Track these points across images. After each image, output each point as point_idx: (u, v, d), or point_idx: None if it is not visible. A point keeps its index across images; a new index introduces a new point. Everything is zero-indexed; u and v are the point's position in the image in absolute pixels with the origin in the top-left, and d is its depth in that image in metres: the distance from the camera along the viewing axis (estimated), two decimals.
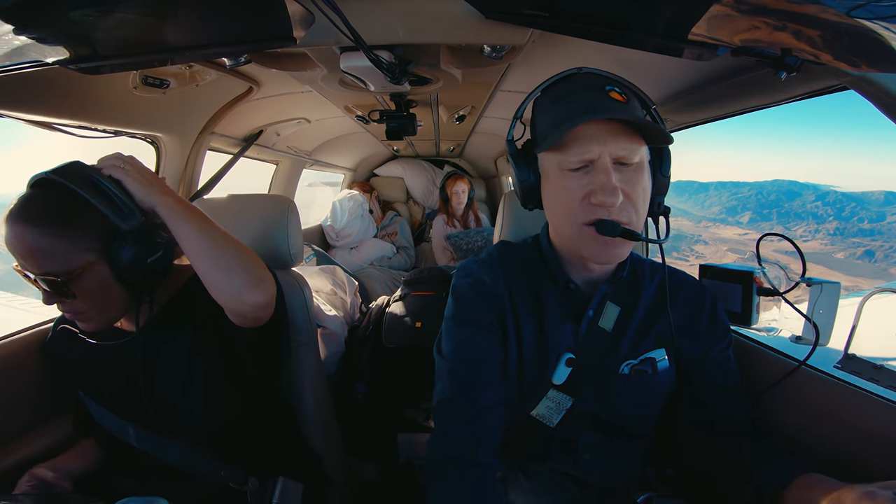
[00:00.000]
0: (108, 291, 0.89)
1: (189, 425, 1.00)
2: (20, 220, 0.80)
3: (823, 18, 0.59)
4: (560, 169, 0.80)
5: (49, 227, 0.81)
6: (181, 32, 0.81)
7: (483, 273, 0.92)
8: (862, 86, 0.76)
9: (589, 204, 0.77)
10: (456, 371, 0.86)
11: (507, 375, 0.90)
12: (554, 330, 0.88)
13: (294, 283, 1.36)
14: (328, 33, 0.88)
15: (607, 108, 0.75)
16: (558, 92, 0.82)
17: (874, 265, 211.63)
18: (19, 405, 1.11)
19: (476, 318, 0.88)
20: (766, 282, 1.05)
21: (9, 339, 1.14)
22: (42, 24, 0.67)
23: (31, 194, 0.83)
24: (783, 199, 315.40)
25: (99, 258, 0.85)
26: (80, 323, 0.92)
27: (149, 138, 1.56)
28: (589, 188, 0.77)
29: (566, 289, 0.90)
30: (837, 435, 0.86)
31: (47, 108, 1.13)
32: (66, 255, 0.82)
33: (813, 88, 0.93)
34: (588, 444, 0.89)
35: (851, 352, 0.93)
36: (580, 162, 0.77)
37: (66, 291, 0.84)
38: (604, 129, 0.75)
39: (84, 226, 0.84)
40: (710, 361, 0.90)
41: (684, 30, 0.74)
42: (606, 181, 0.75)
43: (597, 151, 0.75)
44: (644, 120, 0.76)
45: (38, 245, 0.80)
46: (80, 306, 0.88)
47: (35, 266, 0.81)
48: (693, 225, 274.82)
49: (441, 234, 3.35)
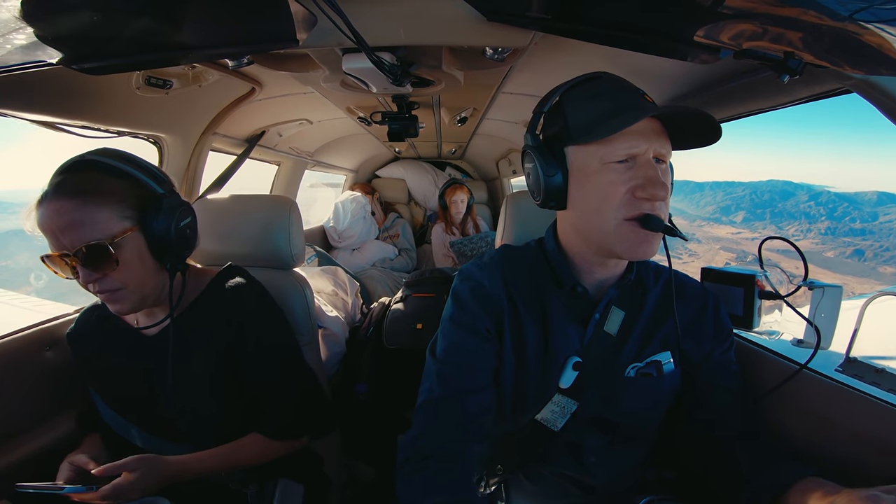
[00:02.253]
0: (146, 264, 0.91)
1: (197, 427, 1.00)
2: (57, 197, 0.82)
3: (826, 22, 0.59)
4: (602, 163, 0.78)
5: (87, 196, 0.83)
6: (184, 33, 0.82)
7: (483, 277, 0.91)
8: (864, 89, 0.76)
9: (633, 198, 0.77)
10: (445, 373, 0.86)
11: (507, 382, 0.89)
12: (559, 334, 0.88)
13: (295, 284, 1.37)
14: (330, 35, 0.88)
15: (651, 108, 0.76)
16: (593, 90, 0.82)
17: (863, 264, 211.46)
18: (25, 401, 1.12)
19: (472, 324, 0.88)
20: (767, 285, 1.05)
21: (14, 335, 1.14)
22: (46, 24, 0.67)
23: (62, 177, 0.85)
24: (777, 198, 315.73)
25: (135, 226, 0.88)
26: (113, 305, 0.92)
27: (151, 138, 1.57)
28: (633, 182, 0.77)
29: (573, 292, 0.89)
30: (838, 438, 0.86)
31: (51, 108, 1.13)
32: (106, 222, 0.85)
33: (815, 91, 0.93)
34: (593, 447, 0.89)
35: (853, 355, 0.92)
36: (626, 156, 0.77)
37: (110, 258, 0.85)
38: (650, 127, 0.77)
39: (119, 194, 0.87)
40: (713, 363, 0.90)
41: (687, 33, 0.74)
42: (655, 175, 0.76)
43: (644, 147, 0.76)
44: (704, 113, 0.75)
45: (77, 215, 0.82)
46: (118, 281, 0.88)
47: (75, 238, 0.83)
48: (688, 224, 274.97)
49: (442, 242, 3.37)
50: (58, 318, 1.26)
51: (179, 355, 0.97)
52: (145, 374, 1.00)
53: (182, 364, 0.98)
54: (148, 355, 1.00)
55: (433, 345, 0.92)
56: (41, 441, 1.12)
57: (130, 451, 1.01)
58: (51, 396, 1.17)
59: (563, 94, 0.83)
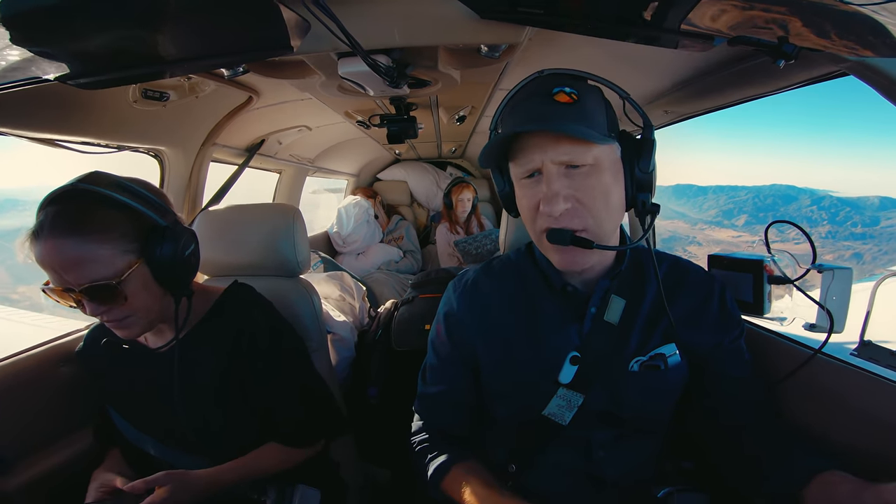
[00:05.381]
0: (152, 292, 0.90)
1: (209, 443, 1.01)
2: (56, 233, 0.79)
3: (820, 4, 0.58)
4: (517, 179, 0.81)
5: (89, 233, 0.80)
6: (178, 44, 0.81)
7: (455, 301, 0.98)
8: (861, 71, 0.75)
9: (540, 212, 0.77)
10: (426, 408, 1.02)
11: (494, 388, 0.94)
12: (555, 335, 0.88)
13: (303, 291, 1.37)
14: (325, 40, 0.88)
15: (544, 116, 0.75)
16: (514, 100, 0.82)
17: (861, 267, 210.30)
18: (42, 418, 1.13)
19: (447, 352, 0.98)
20: (776, 270, 1.04)
21: (30, 352, 1.16)
22: (39, 40, 0.68)
23: (59, 208, 0.81)
24: (779, 203, 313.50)
25: (139, 258, 0.86)
26: (120, 331, 0.91)
27: (152, 152, 1.58)
28: (538, 197, 0.77)
29: (564, 292, 0.90)
30: (856, 424, 0.84)
31: (48, 125, 1.14)
32: (110, 259, 0.82)
33: (812, 75, 0.93)
34: (602, 441, 0.89)
35: (867, 338, 0.91)
36: (527, 171, 0.78)
37: (118, 295, 0.84)
38: (545, 136, 0.75)
39: (120, 228, 0.84)
40: (723, 352, 0.88)
41: (679, 21, 0.73)
42: (547, 189, 0.75)
43: (539, 160, 0.75)
44: (560, 127, 0.73)
45: (81, 254, 0.79)
46: (125, 311, 0.87)
47: (80, 277, 0.80)
48: (689, 227, 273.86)
49: (446, 241, 3.36)
50: (69, 334, 1.27)
51: (187, 372, 0.97)
52: (155, 389, 1.00)
53: (190, 380, 0.98)
54: (157, 370, 1.00)
55: (424, 370, 1.04)
56: (60, 457, 1.13)
57: (148, 464, 1.03)
58: (67, 412, 1.18)
59: (503, 107, 0.84)
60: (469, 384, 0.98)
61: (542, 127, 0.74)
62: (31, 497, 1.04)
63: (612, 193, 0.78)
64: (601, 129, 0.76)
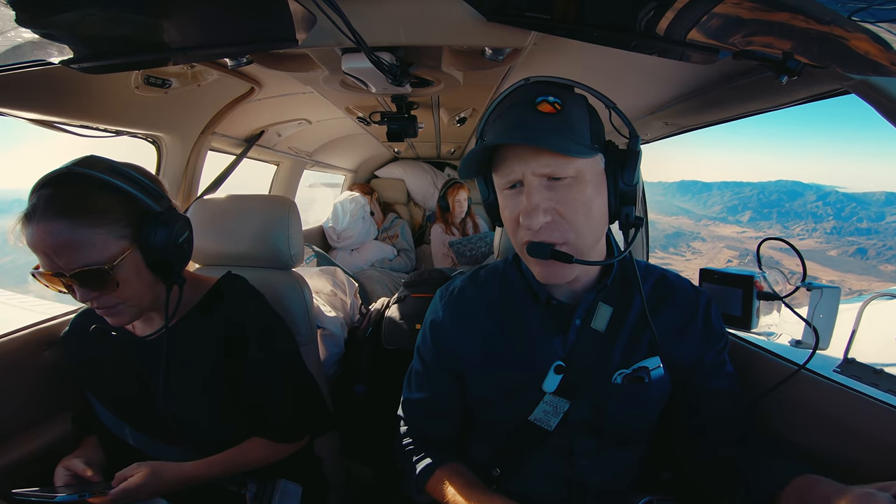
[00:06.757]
0: (143, 279, 0.89)
1: (191, 434, 1.00)
2: (49, 216, 0.77)
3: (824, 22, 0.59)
4: (500, 189, 0.80)
5: (83, 217, 0.79)
6: (184, 32, 0.81)
7: (441, 309, 0.97)
8: (863, 90, 0.76)
9: (521, 225, 0.76)
10: (410, 414, 1.02)
11: (478, 393, 0.94)
12: (540, 345, 0.89)
13: (294, 284, 1.37)
14: (330, 34, 0.88)
15: (524, 127, 0.74)
16: (500, 107, 0.80)
17: (865, 262, 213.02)
18: (23, 401, 1.12)
19: (432, 360, 0.97)
20: (766, 286, 1.05)
21: (12, 335, 1.14)
22: (45, 24, 0.67)
23: (52, 191, 0.80)
24: (784, 198, 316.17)
25: (133, 244, 0.85)
26: (110, 318, 0.90)
27: (150, 138, 1.57)
28: (520, 208, 0.76)
29: (548, 305, 0.89)
30: (837, 438, 0.86)
31: (49, 108, 1.13)
32: (103, 243, 0.81)
33: (814, 92, 0.93)
34: (585, 449, 0.89)
35: (851, 356, 0.92)
36: (509, 182, 0.77)
37: (110, 281, 0.82)
38: (526, 147, 0.73)
39: (114, 212, 0.83)
40: (706, 367, 0.88)
41: (685, 33, 0.74)
42: (526, 202, 0.74)
43: (519, 171, 0.74)
44: (538, 141, 0.72)
45: (73, 237, 0.78)
46: (117, 298, 0.86)
47: (71, 261, 0.79)
48: (693, 223, 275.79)
49: (441, 242, 3.35)
50: (56, 317, 1.26)
51: (175, 361, 0.97)
52: (140, 377, 0.99)
53: (177, 369, 0.98)
54: (144, 359, 0.99)
55: (409, 376, 1.04)
56: (39, 441, 1.12)
57: (126, 453, 1.02)
58: (49, 397, 1.16)
59: (489, 114, 0.82)
60: (453, 392, 0.98)
61: (521, 141, 0.73)
62: (10, 481, 1.02)
63: (594, 206, 0.76)
64: (584, 140, 0.75)
